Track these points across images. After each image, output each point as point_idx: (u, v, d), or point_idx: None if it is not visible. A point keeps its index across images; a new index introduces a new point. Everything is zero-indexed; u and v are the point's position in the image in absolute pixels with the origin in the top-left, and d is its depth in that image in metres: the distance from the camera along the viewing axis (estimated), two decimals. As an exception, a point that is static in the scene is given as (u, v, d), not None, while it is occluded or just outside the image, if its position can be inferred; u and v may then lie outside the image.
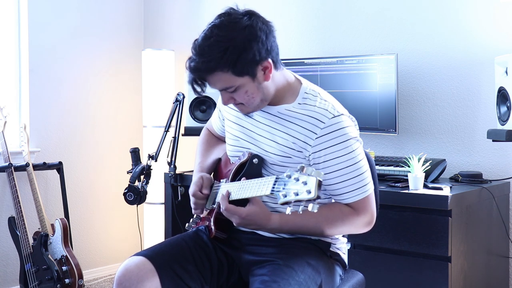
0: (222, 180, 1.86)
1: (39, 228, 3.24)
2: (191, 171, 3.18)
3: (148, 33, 4.16)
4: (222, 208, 1.69)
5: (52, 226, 3.24)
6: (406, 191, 2.43)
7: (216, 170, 1.98)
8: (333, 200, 1.77)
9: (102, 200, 3.93)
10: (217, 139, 2.10)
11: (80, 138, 3.80)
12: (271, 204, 1.75)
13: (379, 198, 1.99)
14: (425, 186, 2.49)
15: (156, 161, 3.08)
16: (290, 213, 1.48)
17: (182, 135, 3.30)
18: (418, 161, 2.47)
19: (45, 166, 3.42)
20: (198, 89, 1.70)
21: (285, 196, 1.46)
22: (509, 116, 2.36)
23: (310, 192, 1.41)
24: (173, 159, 3.14)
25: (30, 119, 3.53)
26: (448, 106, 2.96)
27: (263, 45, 1.64)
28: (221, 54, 1.60)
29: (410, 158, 2.49)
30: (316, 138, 1.68)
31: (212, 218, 1.80)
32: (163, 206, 3.33)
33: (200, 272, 1.74)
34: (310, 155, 1.70)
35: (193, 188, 1.87)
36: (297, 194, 1.43)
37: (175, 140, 3.16)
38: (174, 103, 3.20)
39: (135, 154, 3.10)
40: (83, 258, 3.76)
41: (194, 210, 1.89)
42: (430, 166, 2.61)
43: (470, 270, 2.47)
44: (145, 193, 3.01)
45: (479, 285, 2.58)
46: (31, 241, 3.18)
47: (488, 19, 2.84)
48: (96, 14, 3.87)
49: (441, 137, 2.98)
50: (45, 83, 3.60)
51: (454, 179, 2.74)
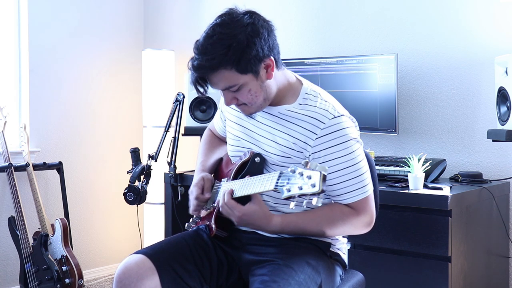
0: (223, 179, 1.86)
1: (39, 228, 3.24)
2: (191, 171, 3.18)
3: (148, 33, 4.16)
4: (222, 202, 1.68)
5: (52, 226, 3.23)
6: (406, 191, 2.43)
7: (217, 170, 1.98)
8: (332, 201, 1.76)
9: (102, 200, 3.92)
10: (219, 140, 2.10)
11: (80, 138, 3.80)
12: (272, 203, 1.75)
13: (379, 198, 1.99)
14: (425, 186, 2.49)
15: (156, 161, 3.08)
16: (294, 207, 1.48)
17: (182, 135, 3.30)
18: (418, 161, 2.47)
19: (45, 166, 3.42)
20: (201, 89, 1.69)
21: (289, 190, 1.45)
22: (509, 116, 2.36)
23: (314, 185, 1.40)
24: (173, 159, 3.14)
25: (30, 119, 3.53)
26: (448, 106, 2.96)
27: (266, 42, 1.65)
28: (224, 51, 1.60)
29: (410, 158, 2.49)
30: (316, 139, 1.68)
31: (213, 216, 1.79)
32: (163, 206, 3.33)
33: (199, 271, 1.74)
34: (310, 155, 1.69)
35: (194, 190, 1.86)
36: (301, 188, 1.42)
37: (175, 140, 3.16)
38: (174, 103, 3.20)
39: (135, 154, 3.09)
40: (83, 258, 3.76)
41: (192, 212, 1.88)
42: (430, 166, 2.60)
43: (470, 270, 2.47)
44: (145, 193, 3.01)
45: (479, 285, 2.57)
46: (31, 241, 3.18)
47: (488, 19, 2.84)
48: (96, 14, 3.87)
49: (441, 137, 2.98)
50: (45, 83, 3.60)
51: (454, 179, 2.74)
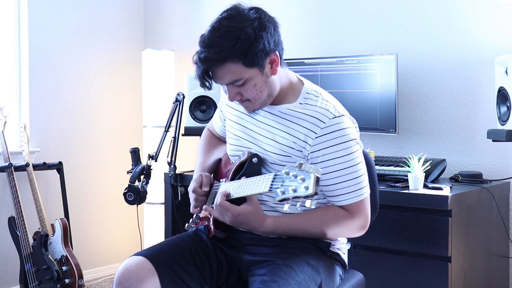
0: (221, 180, 1.86)
1: (39, 228, 3.24)
2: (191, 171, 3.18)
3: (148, 33, 4.16)
4: (216, 203, 1.68)
5: (52, 226, 3.23)
6: (406, 191, 2.43)
7: (216, 170, 1.98)
8: (329, 202, 1.76)
9: (102, 200, 3.92)
10: (218, 140, 2.10)
11: (80, 138, 3.79)
12: (271, 203, 1.75)
13: (379, 198, 1.99)
14: (425, 186, 2.49)
15: (156, 161, 3.08)
16: (288, 210, 1.48)
17: (182, 135, 3.30)
18: (418, 161, 2.46)
19: (45, 166, 3.42)
20: (207, 83, 1.68)
21: (283, 193, 1.45)
22: (509, 116, 2.36)
23: (308, 188, 1.41)
24: (173, 159, 3.14)
25: (30, 119, 3.53)
26: (448, 106, 2.96)
27: (272, 36, 1.65)
28: (232, 44, 1.59)
29: (410, 158, 2.49)
30: (315, 138, 1.68)
31: (211, 217, 1.79)
32: (163, 206, 3.33)
33: (199, 271, 1.74)
34: (308, 154, 1.69)
35: (193, 184, 1.87)
36: (295, 191, 1.43)
37: (175, 140, 3.16)
38: (174, 103, 3.20)
39: (135, 154, 3.09)
40: (83, 258, 3.76)
41: (193, 208, 1.88)
42: (430, 166, 2.60)
43: (470, 270, 2.47)
44: (145, 193, 3.01)
45: (479, 285, 2.57)
46: (31, 241, 3.18)
47: (488, 19, 2.84)
48: (96, 14, 3.87)
49: (441, 137, 2.98)
50: (45, 83, 3.60)
51: (454, 179, 2.74)
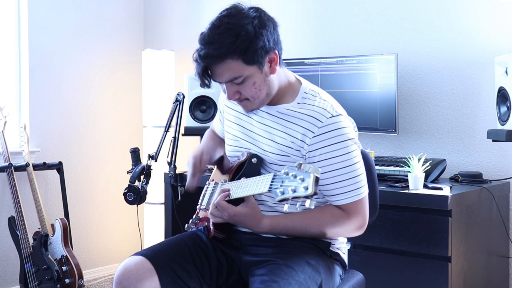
0: (221, 180, 1.85)
1: (39, 228, 3.24)
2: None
3: (148, 33, 4.16)
4: (215, 202, 1.68)
5: (52, 226, 3.23)
6: (406, 191, 2.43)
7: (216, 170, 1.98)
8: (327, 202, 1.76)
9: (102, 200, 3.92)
10: (221, 138, 2.10)
11: (80, 138, 3.79)
12: (271, 203, 1.75)
13: (379, 198, 1.99)
14: (425, 186, 2.49)
15: (156, 161, 3.07)
16: (287, 210, 1.48)
17: (182, 135, 3.30)
18: (418, 161, 2.46)
19: (45, 166, 3.42)
20: (206, 81, 1.68)
21: (282, 193, 1.45)
22: (509, 116, 2.36)
23: (307, 188, 1.41)
24: (173, 159, 3.14)
25: (30, 119, 3.53)
26: (448, 106, 2.96)
27: (271, 34, 1.66)
28: (232, 40, 1.60)
29: (410, 158, 2.49)
30: (313, 137, 1.68)
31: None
32: (163, 206, 3.33)
33: (199, 272, 1.74)
34: (306, 154, 1.69)
35: (192, 153, 1.91)
36: (294, 191, 1.43)
37: (175, 140, 3.16)
38: (174, 103, 3.20)
39: (135, 154, 3.08)
40: (83, 258, 3.76)
41: (191, 178, 1.90)
42: (430, 166, 2.60)
43: (470, 270, 2.47)
44: (145, 193, 3.00)
45: (479, 285, 2.57)
46: (31, 241, 3.18)
47: (488, 19, 2.84)
48: (96, 14, 3.87)
49: (441, 137, 2.98)
50: (45, 83, 3.60)
51: (454, 179, 2.74)
